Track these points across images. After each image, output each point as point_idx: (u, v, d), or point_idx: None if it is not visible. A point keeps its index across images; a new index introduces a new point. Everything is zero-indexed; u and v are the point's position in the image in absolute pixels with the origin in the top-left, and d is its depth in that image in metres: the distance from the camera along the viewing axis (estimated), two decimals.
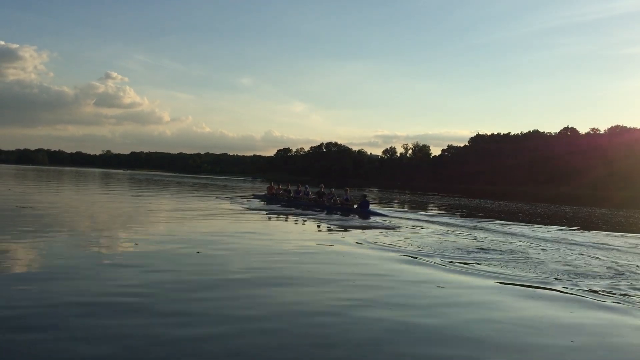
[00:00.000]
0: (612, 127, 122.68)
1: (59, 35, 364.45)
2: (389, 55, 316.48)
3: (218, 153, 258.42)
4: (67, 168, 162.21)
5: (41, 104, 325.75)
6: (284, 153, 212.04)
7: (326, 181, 38.52)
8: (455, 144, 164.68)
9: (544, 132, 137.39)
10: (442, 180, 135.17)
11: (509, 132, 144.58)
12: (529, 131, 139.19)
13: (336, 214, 21.70)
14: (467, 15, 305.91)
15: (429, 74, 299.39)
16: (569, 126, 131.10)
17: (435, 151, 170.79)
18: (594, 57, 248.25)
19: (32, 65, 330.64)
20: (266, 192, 29.77)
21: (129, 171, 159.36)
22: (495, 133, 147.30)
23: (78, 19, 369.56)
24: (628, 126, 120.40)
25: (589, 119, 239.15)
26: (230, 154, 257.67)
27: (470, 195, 64.52)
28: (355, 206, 23.27)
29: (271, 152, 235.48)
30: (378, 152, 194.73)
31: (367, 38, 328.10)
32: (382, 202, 37.66)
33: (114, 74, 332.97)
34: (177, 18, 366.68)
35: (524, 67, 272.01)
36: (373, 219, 19.81)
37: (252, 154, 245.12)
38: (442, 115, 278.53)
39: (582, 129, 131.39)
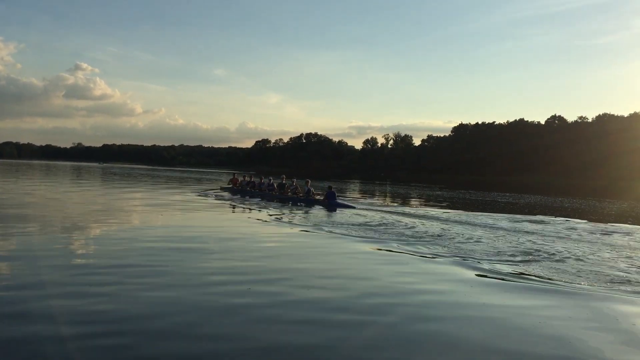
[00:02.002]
0: (600, 115, 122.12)
1: (27, 25, 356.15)
2: (363, 45, 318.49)
3: (192, 145, 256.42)
4: (37, 161, 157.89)
5: (9, 96, 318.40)
6: (262, 144, 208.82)
7: (307, 173, 36.82)
8: (430, 134, 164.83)
9: (529, 121, 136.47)
10: (426, 171, 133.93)
11: (494, 122, 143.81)
12: (515, 120, 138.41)
13: (300, 205, 21.08)
14: (441, 6, 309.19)
15: (402, 65, 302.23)
16: (557, 114, 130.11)
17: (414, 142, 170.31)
18: (567, 47, 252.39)
19: None
20: (230, 184, 29.07)
21: (104, 164, 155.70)
22: (480, 122, 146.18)
23: (46, 8, 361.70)
24: (615, 114, 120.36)
25: (565, 109, 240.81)
26: (205, 145, 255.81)
27: (456, 186, 63.18)
28: (318, 197, 22.43)
29: (246, 144, 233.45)
30: (353, 142, 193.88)
31: (341, 29, 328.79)
32: (365, 194, 35.73)
33: (84, 65, 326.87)
34: (149, 8, 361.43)
35: (497, 57, 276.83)
36: (339, 210, 19.04)
37: (227, 146, 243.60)
38: (416, 106, 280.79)
39: (569, 118, 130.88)
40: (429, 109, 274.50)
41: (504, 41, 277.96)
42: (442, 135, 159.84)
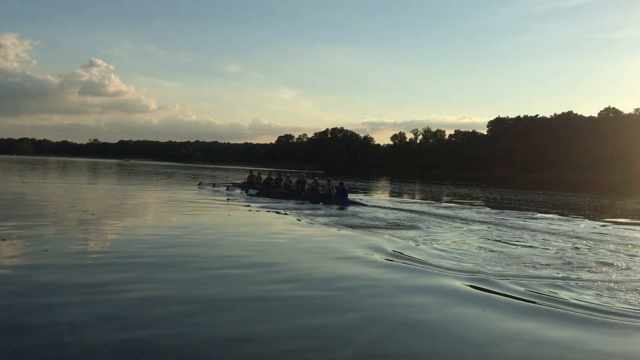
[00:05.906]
0: None
1: (42, 22, 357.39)
2: (377, 40, 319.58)
3: (208, 141, 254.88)
4: (53, 158, 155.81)
5: (25, 93, 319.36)
6: (285, 140, 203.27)
7: (334, 170, 32.67)
8: (445, 129, 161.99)
9: (579, 115, 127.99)
10: (463, 168, 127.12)
11: (537, 115, 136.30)
12: (563, 113, 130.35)
13: (315, 203, 20.97)
14: (455, 0, 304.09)
15: (416, 60, 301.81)
16: (610, 107, 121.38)
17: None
18: (584, 41, 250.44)
19: (14, 53, 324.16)
20: (246, 180, 28.58)
21: (130, 161, 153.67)
22: (522, 116, 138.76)
23: (61, 5, 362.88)
24: None
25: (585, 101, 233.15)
26: (221, 142, 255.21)
27: (499, 184, 59.44)
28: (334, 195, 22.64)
29: (259, 140, 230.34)
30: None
31: (356, 23, 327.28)
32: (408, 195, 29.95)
33: (99, 62, 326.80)
34: (163, 4, 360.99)
35: (512, 51, 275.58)
36: (351, 208, 19.37)
37: (242, 142, 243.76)
38: (429, 101, 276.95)
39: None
40: (442, 104, 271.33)
41: (519, 35, 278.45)
42: (469, 131, 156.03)
